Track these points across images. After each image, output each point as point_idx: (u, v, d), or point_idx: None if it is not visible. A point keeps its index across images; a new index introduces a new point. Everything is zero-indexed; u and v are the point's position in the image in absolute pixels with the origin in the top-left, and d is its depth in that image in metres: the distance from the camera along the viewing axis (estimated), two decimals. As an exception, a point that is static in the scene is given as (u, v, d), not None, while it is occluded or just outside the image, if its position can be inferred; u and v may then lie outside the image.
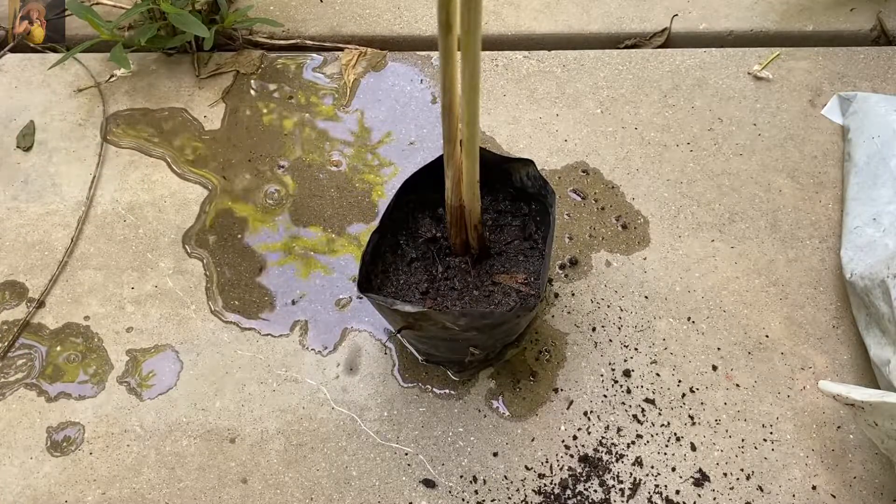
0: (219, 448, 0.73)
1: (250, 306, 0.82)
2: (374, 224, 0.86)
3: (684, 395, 0.75)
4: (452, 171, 0.66)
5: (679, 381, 0.76)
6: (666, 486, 0.70)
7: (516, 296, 0.72)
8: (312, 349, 0.79)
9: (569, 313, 0.80)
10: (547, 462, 0.71)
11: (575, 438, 0.73)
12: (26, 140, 0.97)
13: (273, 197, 0.91)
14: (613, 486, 0.70)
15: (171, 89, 1.01)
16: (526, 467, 0.71)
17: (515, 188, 0.78)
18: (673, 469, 0.71)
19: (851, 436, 0.72)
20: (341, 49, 1.05)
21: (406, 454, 0.72)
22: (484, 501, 0.70)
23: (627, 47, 1.05)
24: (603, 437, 0.72)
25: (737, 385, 0.75)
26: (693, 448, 0.72)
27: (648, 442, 0.72)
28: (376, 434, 0.73)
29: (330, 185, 0.91)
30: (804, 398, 0.74)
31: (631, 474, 0.70)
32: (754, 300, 0.80)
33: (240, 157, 0.94)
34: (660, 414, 0.74)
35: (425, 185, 0.75)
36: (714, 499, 0.69)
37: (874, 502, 0.68)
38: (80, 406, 0.76)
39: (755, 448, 0.72)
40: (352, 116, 0.98)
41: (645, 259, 0.84)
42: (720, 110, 0.96)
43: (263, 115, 0.98)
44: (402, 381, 0.76)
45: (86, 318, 0.82)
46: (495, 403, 0.75)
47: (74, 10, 0.97)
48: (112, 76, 1.03)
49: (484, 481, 0.71)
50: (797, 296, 0.81)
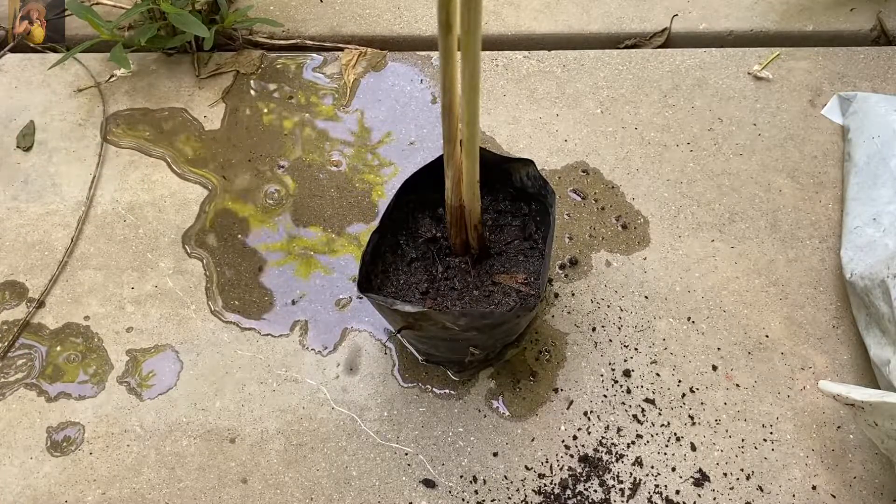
0: (219, 448, 0.73)
1: (250, 306, 0.82)
2: (374, 224, 0.86)
3: (684, 395, 0.75)
4: (452, 171, 0.66)
5: (679, 381, 0.76)
6: (666, 486, 0.70)
7: (516, 296, 0.72)
8: (312, 349, 0.79)
9: (569, 313, 0.80)
10: (547, 462, 0.71)
11: (575, 438, 0.73)
12: (26, 140, 0.97)
13: (273, 197, 0.91)
14: (613, 486, 0.70)
15: (171, 89, 1.01)
16: (526, 467, 0.71)
17: (515, 188, 0.78)
18: (673, 469, 0.71)
19: (851, 436, 0.72)
20: (341, 49, 1.05)
21: (406, 454, 0.72)
22: (484, 501, 0.70)
23: (627, 47, 1.05)
24: (603, 437, 0.72)
25: (737, 385, 0.75)
26: (693, 448, 0.72)
27: (648, 442, 0.72)
28: (376, 434, 0.73)
29: (330, 185, 0.91)
30: (804, 398, 0.74)
31: (631, 474, 0.70)
32: (754, 300, 0.80)
33: (240, 157, 0.94)
34: (660, 414, 0.74)
35: (425, 185, 0.75)
36: (714, 499, 0.69)
37: (874, 502, 0.68)
38: (80, 406, 0.76)
39: (755, 448, 0.72)
40: (352, 116, 0.98)
41: (645, 259, 0.84)
42: (720, 110, 0.96)
43: (263, 115, 0.98)
44: (402, 381, 0.76)
45: (86, 318, 0.82)
46: (495, 403, 0.75)
47: (74, 10, 0.97)
48: (112, 76, 1.03)
49: (484, 481, 0.71)
50: (797, 296, 0.81)
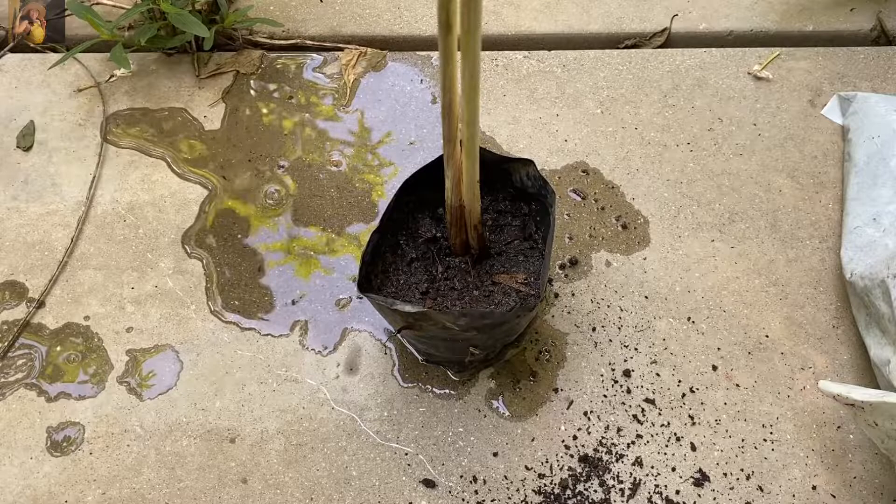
0: (219, 448, 0.73)
1: (250, 306, 0.82)
2: (374, 224, 0.86)
3: (684, 395, 0.75)
4: (452, 172, 0.66)
5: (679, 381, 0.76)
6: (666, 486, 0.70)
7: (516, 296, 0.72)
8: (312, 349, 0.79)
9: (569, 313, 0.80)
10: (547, 462, 0.71)
11: (575, 438, 0.73)
12: (26, 140, 0.97)
13: (273, 197, 0.91)
14: (613, 486, 0.70)
15: (171, 89, 1.01)
16: (526, 467, 0.71)
17: (515, 188, 0.78)
18: (673, 469, 0.71)
19: (851, 436, 0.72)
20: (341, 49, 1.05)
21: (406, 454, 0.72)
22: (484, 501, 0.70)
23: (627, 47, 1.05)
24: (603, 437, 0.72)
25: (737, 385, 0.75)
26: (693, 448, 0.72)
27: (648, 442, 0.72)
28: (376, 434, 0.73)
29: (330, 185, 0.91)
30: (804, 398, 0.74)
31: (631, 474, 0.70)
32: (754, 300, 0.80)
33: (240, 157, 0.94)
34: (660, 414, 0.74)
35: (425, 186, 0.75)
36: (714, 499, 0.69)
37: (874, 502, 0.68)
38: (80, 406, 0.76)
39: (755, 448, 0.72)
40: (352, 116, 0.98)
41: (645, 259, 0.84)
42: (720, 110, 0.96)
43: (263, 115, 0.98)
44: (402, 381, 0.76)
45: (86, 318, 0.82)
46: (495, 403, 0.75)
47: (74, 10, 0.97)
48: (112, 76, 1.03)
49: (484, 481, 0.71)
50: (797, 296, 0.81)
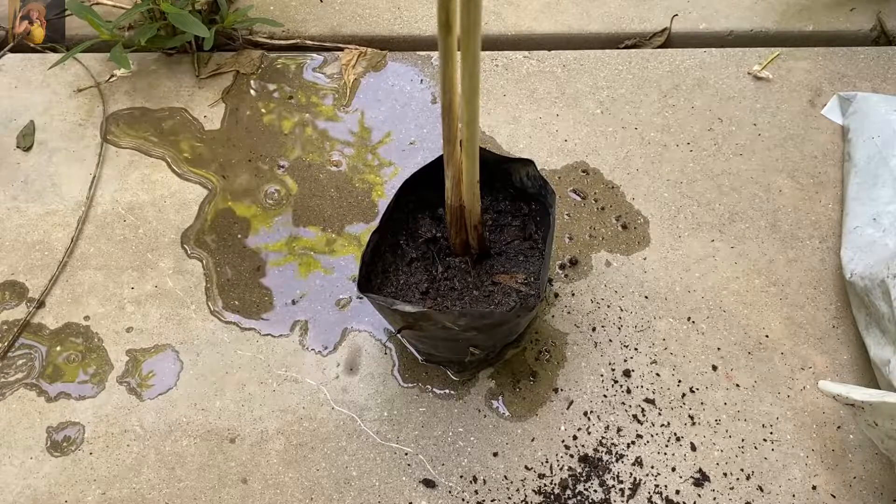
0: (219, 448, 0.73)
1: (250, 306, 0.82)
2: (374, 224, 0.86)
3: (684, 395, 0.75)
4: (452, 172, 0.66)
5: (679, 381, 0.76)
6: (666, 486, 0.70)
7: (516, 296, 0.72)
8: (312, 349, 0.79)
9: (569, 313, 0.80)
10: (547, 462, 0.71)
11: (575, 438, 0.73)
12: (26, 140, 0.97)
13: (273, 197, 0.91)
14: (613, 486, 0.70)
15: (171, 89, 1.01)
16: (526, 467, 0.71)
17: (515, 188, 0.78)
18: (673, 469, 0.71)
19: (851, 436, 0.72)
20: (341, 49, 1.05)
21: (406, 454, 0.72)
22: (484, 501, 0.70)
23: (627, 47, 1.05)
24: (603, 437, 0.72)
25: (737, 385, 0.75)
26: (693, 448, 0.72)
27: (648, 442, 0.72)
28: (376, 434, 0.73)
29: (330, 185, 0.91)
30: (804, 398, 0.74)
31: (631, 474, 0.70)
32: (754, 300, 0.80)
33: (240, 157, 0.94)
34: (660, 414, 0.74)
35: (425, 186, 0.75)
36: (714, 499, 0.69)
37: (874, 502, 0.68)
38: (80, 406, 0.76)
39: (755, 448, 0.72)
40: (352, 116, 0.98)
41: (645, 259, 0.84)
42: (720, 110, 0.96)
43: (263, 115, 0.98)
44: (402, 381, 0.76)
45: (86, 318, 0.82)
46: (495, 403, 0.75)
47: (74, 10, 0.97)
48: (112, 76, 1.03)
49: (484, 481, 0.71)
50: (797, 296, 0.81)
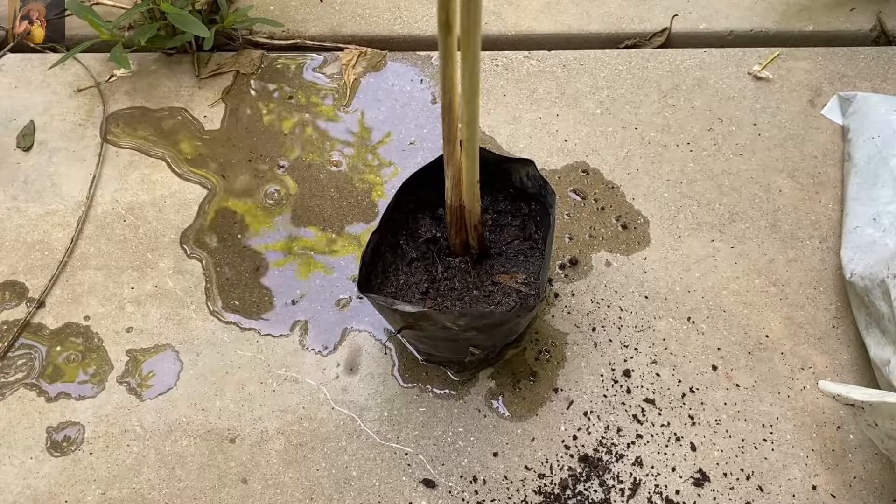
0: (219, 448, 0.73)
1: (250, 306, 0.82)
2: (374, 224, 0.86)
3: (684, 395, 0.75)
4: (452, 172, 0.66)
5: (679, 381, 0.76)
6: (666, 486, 0.70)
7: (516, 296, 0.72)
8: (312, 349, 0.79)
9: (569, 313, 0.80)
10: (547, 462, 0.71)
11: (575, 438, 0.73)
12: (26, 140, 0.97)
13: (273, 197, 0.91)
14: (613, 486, 0.70)
15: (171, 89, 1.01)
16: (526, 467, 0.71)
17: (515, 188, 0.78)
18: (673, 469, 0.71)
19: (851, 436, 0.72)
20: (341, 49, 1.05)
21: (406, 454, 0.72)
22: (484, 501, 0.70)
23: (627, 47, 1.05)
24: (603, 437, 0.72)
25: (737, 385, 0.75)
26: (693, 448, 0.72)
27: (648, 442, 0.72)
28: (376, 434, 0.73)
29: (330, 185, 0.91)
30: (804, 398, 0.74)
31: (631, 474, 0.70)
32: (754, 300, 0.80)
33: (240, 157, 0.94)
34: (660, 414, 0.74)
35: (425, 186, 0.75)
36: (714, 499, 0.69)
37: (874, 502, 0.68)
38: (80, 406, 0.76)
39: (755, 448, 0.72)
40: (352, 116, 0.98)
41: (645, 259, 0.84)
42: (720, 110, 0.96)
43: (263, 115, 0.98)
44: (402, 381, 0.76)
45: (86, 318, 0.82)
46: (495, 403, 0.75)
47: (74, 10, 0.97)
48: (112, 76, 1.03)
49: (484, 481, 0.71)
50: (797, 296, 0.81)
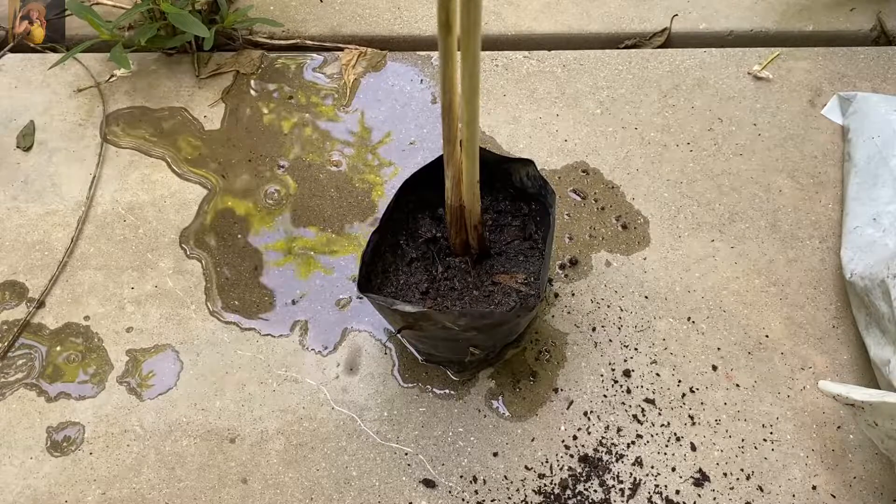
0: (219, 448, 0.73)
1: (250, 306, 0.82)
2: (375, 224, 0.86)
3: (684, 395, 0.75)
4: (452, 172, 0.66)
5: (679, 381, 0.76)
6: (666, 486, 0.70)
7: (516, 296, 0.72)
8: (312, 349, 0.79)
9: (569, 313, 0.80)
10: (547, 462, 0.71)
11: (575, 438, 0.73)
12: (26, 140, 0.97)
13: (273, 197, 0.91)
14: (613, 486, 0.70)
15: (171, 89, 1.01)
16: (526, 467, 0.71)
17: (515, 188, 0.78)
18: (673, 469, 0.71)
19: (851, 436, 0.72)
20: (341, 49, 1.05)
21: (406, 454, 0.72)
22: (484, 501, 0.70)
23: (627, 47, 1.05)
24: (603, 437, 0.72)
25: (737, 385, 0.75)
26: (693, 448, 0.72)
27: (648, 442, 0.72)
28: (376, 434, 0.73)
29: (330, 185, 0.91)
30: (804, 398, 0.74)
31: (631, 474, 0.70)
32: (754, 300, 0.80)
33: (240, 157, 0.94)
34: (660, 414, 0.74)
35: (425, 186, 0.75)
36: (714, 499, 0.69)
37: (874, 502, 0.68)
38: (80, 406, 0.76)
39: (755, 448, 0.72)
40: (352, 116, 0.98)
41: (645, 259, 0.84)
42: (720, 110, 0.96)
43: (263, 115, 0.98)
44: (402, 381, 0.76)
45: (86, 318, 0.82)
46: (495, 403, 0.75)
47: (74, 10, 0.97)
48: (112, 76, 1.03)
49: (484, 481, 0.71)
50: (797, 296, 0.81)
